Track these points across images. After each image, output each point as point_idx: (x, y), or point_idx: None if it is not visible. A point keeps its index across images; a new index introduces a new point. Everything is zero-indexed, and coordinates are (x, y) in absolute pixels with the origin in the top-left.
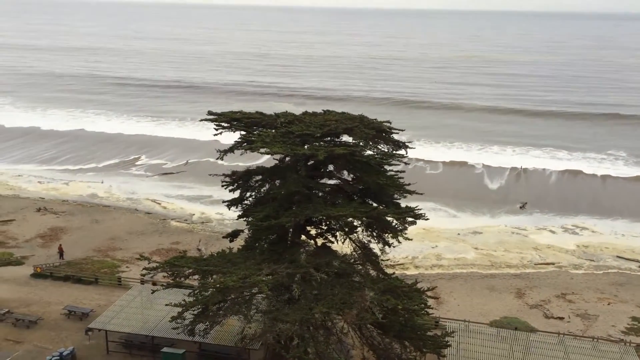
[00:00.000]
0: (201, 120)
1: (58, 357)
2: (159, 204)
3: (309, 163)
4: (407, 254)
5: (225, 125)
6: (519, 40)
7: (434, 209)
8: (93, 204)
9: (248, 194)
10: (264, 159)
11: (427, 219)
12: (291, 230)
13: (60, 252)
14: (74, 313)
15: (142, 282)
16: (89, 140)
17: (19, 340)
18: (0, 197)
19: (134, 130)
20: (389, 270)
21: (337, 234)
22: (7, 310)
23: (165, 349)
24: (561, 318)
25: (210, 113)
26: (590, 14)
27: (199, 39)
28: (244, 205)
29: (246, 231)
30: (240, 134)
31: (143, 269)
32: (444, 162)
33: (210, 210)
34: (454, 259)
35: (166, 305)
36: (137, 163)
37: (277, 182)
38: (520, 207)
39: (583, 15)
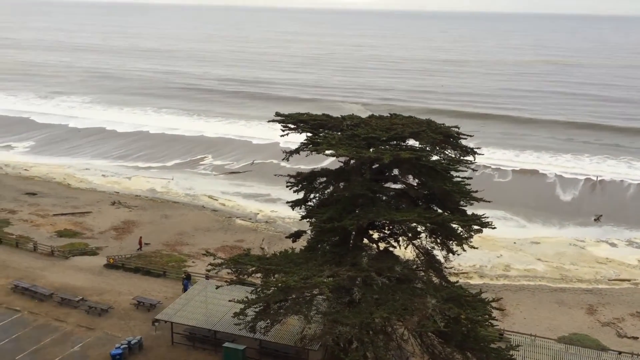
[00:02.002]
0: (269, 121)
1: (126, 346)
2: (217, 200)
3: (373, 166)
4: (472, 262)
5: (292, 126)
6: (594, 44)
7: (504, 217)
8: (163, 199)
9: (312, 195)
10: (327, 162)
11: (494, 228)
12: (354, 233)
13: (140, 244)
14: (142, 304)
15: (207, 277)
16: (158, 139)
17: (91, 327)
18: (78, 191)
19: (202, 130)
20: (453, 279)
21: (400, 238)
22: (81, 297)
23: (226, 344)
24: (635, 338)
25: (277, 114)
26: None
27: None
28: (307, 207)
29: (309, 232)
30: (306, 136)
31: (208, 264)
32: (513, 170)
33: (273, 210)
34: (524, 270)
35: (229, 301)
36: (203, 162)
37: (341, 184)
38: (595, 220)
39: None
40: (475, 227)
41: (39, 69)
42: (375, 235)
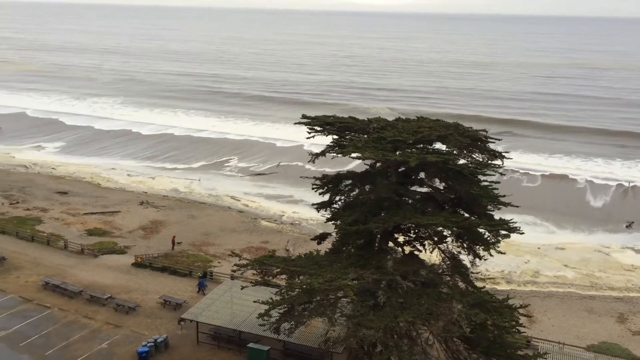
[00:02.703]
0: (295, 123)
1: (153, 344)
2: (239, 200)
3: (400, 169)
4: (500, 268)
5: (318, 129)
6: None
7: (533, 223)
8: (190, 200)
9: (337, 198)
10: (353, 165)
11: (522, 233)
12: (379, 236)
13: (173, 243)
14: (168, 303)
15: (232, 277)
16: (185, 141)
17: (119, 325)
18: (108, 190)
19: (228, 132)
20: (479, 284)
21: (426, 242)
22: (109, 295)
23: (251, 345)
24: None
25: (304, 117)
26: None
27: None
28: (332, 209)
29: (334, 234)
30: (333, 138)
31: (234, 265)
32: (542, 175)
33: (295, 211)
34: (553, 276)
35: (254, 302)
36: (229, 164)
37: (367, 187)
38: (627, 227)
39: None
40: (503, 232)
41: (69, 70)
42: (401, 239)
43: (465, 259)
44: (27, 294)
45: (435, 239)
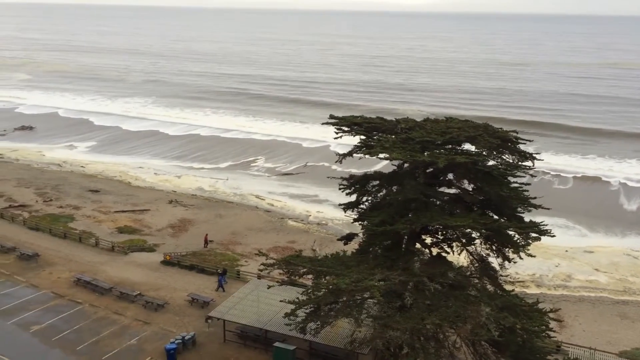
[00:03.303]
0: (323, 123)
1: (180, 341)
2: (264, 199)
3: (427, 170)
4: (531, 271)
5: (346, 129)
6: None
7: (565, 226)
8: (218, 199)
9: (364, 199)
10: (380, 165)
11: (554, 236)
12: (406, 237)
13: (206, 241)
14: (196, 300)
15: (259, 276)
16: (213, 141)
17: (148, 322)
18: (138, 189)
19: (255, 132)
20: (508, 287)
21: (454, 244)
22: (139, 292)
23: (277, 344)
24: None
25: (331, 117)
26: None
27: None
28: (359, 210)
29: (360, 235)
30: (360, 139)
31: (261, 264)
32: (574, 177)
33: (319, 211)
34: (585, 280)
35: (280, 301)
36: (255, 164)
37: (394, 188)
38: None
39: None
40: (533, 234)
41: (100, 71)
42: (428, 240)
43: (494, 261)
44: (60, 289)
45: (464, 240)
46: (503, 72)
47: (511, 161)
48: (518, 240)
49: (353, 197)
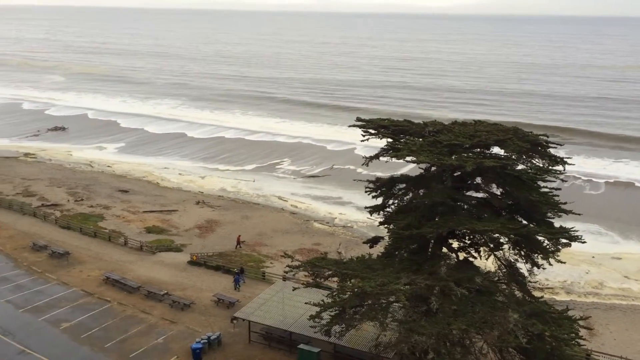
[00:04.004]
0: (350, 126)
1: (206, 341)
2: (287, 201)
3: (455, 174)
4: (561, 278)
5: (373, 131)
6: None
7: (598, 232)
8: (244, 201)
9: (390, 202)
10: (407, 169)
11: (584, 242)
12: (433, 241)
13: (238, 242)
14: (222, 301)
15: (284, 278)
16: (240, 143)
17: (174, 321)
18: (166, 189)
19: (281, 134)
20: (537, 293)
21: (481, 249)
22: (166, 292)
23: (301, 346)
24: None
25: (358, 119)
26: None
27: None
28: (385, 213)
29: (386, 238)
30: (387, 142)
31: (286, 266)
32: (606, 182)
33: (341, 213)
34: (618, 288)
35: (305, 303)
36: (281, 166)
37: (421, 191)
38: None
39: None
40: (563, 240)
41: (131, 73)
42: (455, 245)
43: (523, 267)
44: (89, 287)
45: (491, 245)
46: (533, 75)
47: (541, 165)
48: (548, 246)
49: (379, 200)
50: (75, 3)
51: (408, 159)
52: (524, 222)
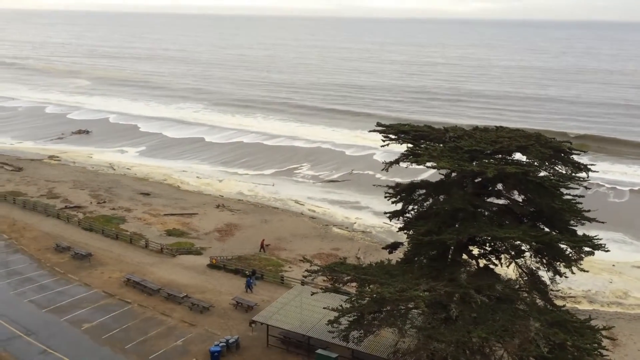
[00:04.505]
0: (370, 131)
1: (225, 344)
2: (303, 205)
3: (476, 180)
4: (586, 287)
5: (393, 137)
6: None
7: (622, 240)
8: (264, 204)
9: (410, 207)
10: (427, 174)
11: (608, 251)
12: (452, 248)
13: (262, 246)
14: (241, 304)
15: (303, 283)
16: (258, 147)
17: (193, 324)
18: (187, 193)
19: (299, 139)
20: (559, 302)
21: (502, 256)
22: (185, 294)
23: (319, 351)
24: None
25: (379, 124)
26: None
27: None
28: (405, 218)
29: (406, 244)
30: (407, 147)
31: (305, 270)
32: (631, 190)
33: (357, 217)
34: None
35: (324, 308)
36: (299, 171)
37: (441, 197)
38: None
39: None
40: (587, 248)
41: (154, 78)
42: (476, 252)
43: (545, 275)
44: (110, 289)
45: (513, 253)
46: (556, 81)
47: (564, 172)
48: (570, 255)
49: (399, 206)
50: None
51: (428, 164)
52: (546, 229)
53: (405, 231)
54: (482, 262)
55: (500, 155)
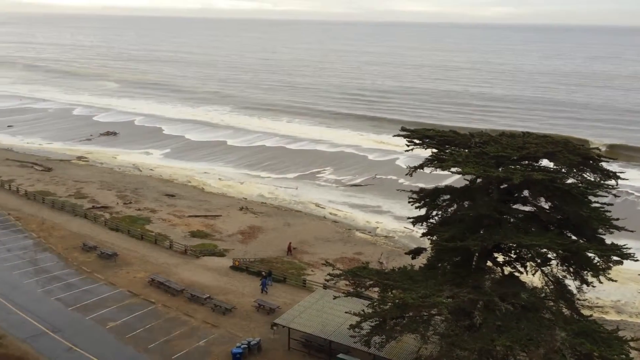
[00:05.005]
0: (394, 135)
1: (246, 346)
2: (324, 208)
3: (502, 186)
4: (615, 297)
5: (417, 141)
6: None
7: None
8: (287, 208)
9: (434, 213)
10: (451, 180)
11: (637, 260)
12: (477, 254)
13: (289, 249)
14: (262, 307)
15: (325, 286)
16: (282, 151)
17: (216, 325)
18: (211, 195)
19: (323, 142)
20: (586, 312)
21: (528, 264)
22: (208, 295)
23: (341, 355)
24: None
25: (403, 129)
26: None
27: None
28: (429, 224)
29: (429, 250)
30: (432, 152)
31: (327, 274)
32: None
33: (378, 221)
34: None
35: (345, 312)
36: (322, 175)
37: (466, 203)
38: None
39: None
40: (615, 257)
41: (181, 81)
42: (500, 259)
43: (571, 284)
44: (135, 288)
45: (539, 261)
46: (585, 87)
47: (593, 180)
48: (598, 263)
49: (422, 211)
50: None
51: (453, 170)
52: (574, 237)
53: (428, 237)
54: (507, 270)
55: (526, 162)
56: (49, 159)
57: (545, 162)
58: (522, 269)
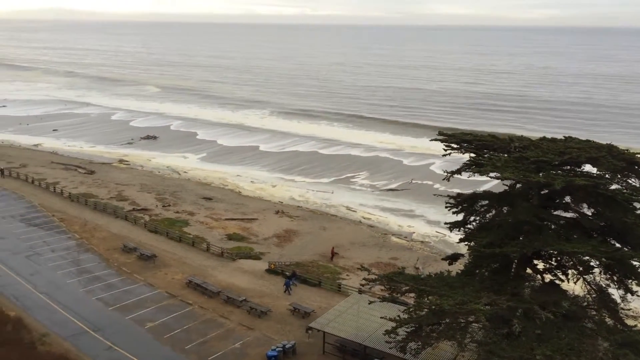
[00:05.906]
0: (431, 140)
1: (281, 349)
2: (355, 211)
3: (542, 192)
4: None
5: (455, 146)
6: None
7: None
8: (322, 212)
9: (472, 218)
10: (489, 185)
11: None
12: (516, 261)
13: (332, 254)
14: (298, 310)
15: (360, 291)
16: (316, 155)
17: (251, 327)
18: (247, 198)
19: (359, 146)
20: (630, 322)
21: (569, 272)
22: (244, 298)
23: None
24: None
25: (440, 133)
26: None
27: None
28: (466, 230)
29: (466, 256)
30: (470, 156)
31: (363, 279)
32: None
33: (409, 225)
34: None
35: (381, 318)
36: (357, 179)
37: (505, 209)
38: None
39: None
40: None
41: (218, 86)
42: (540, 266)
43: (615, 293)
44: (173, 290)
45: (581, 268)
46: (628, 88)
47: (638, 186)
48: None
49: (460, 216)
50: (170, 19)
51: (492, 175)
52: (618, 245)
53: (466, 242)
54: (547, 277)
55: (568, 167)
56: (91, 162)
57: (588, 168)
58: (563, 277)
